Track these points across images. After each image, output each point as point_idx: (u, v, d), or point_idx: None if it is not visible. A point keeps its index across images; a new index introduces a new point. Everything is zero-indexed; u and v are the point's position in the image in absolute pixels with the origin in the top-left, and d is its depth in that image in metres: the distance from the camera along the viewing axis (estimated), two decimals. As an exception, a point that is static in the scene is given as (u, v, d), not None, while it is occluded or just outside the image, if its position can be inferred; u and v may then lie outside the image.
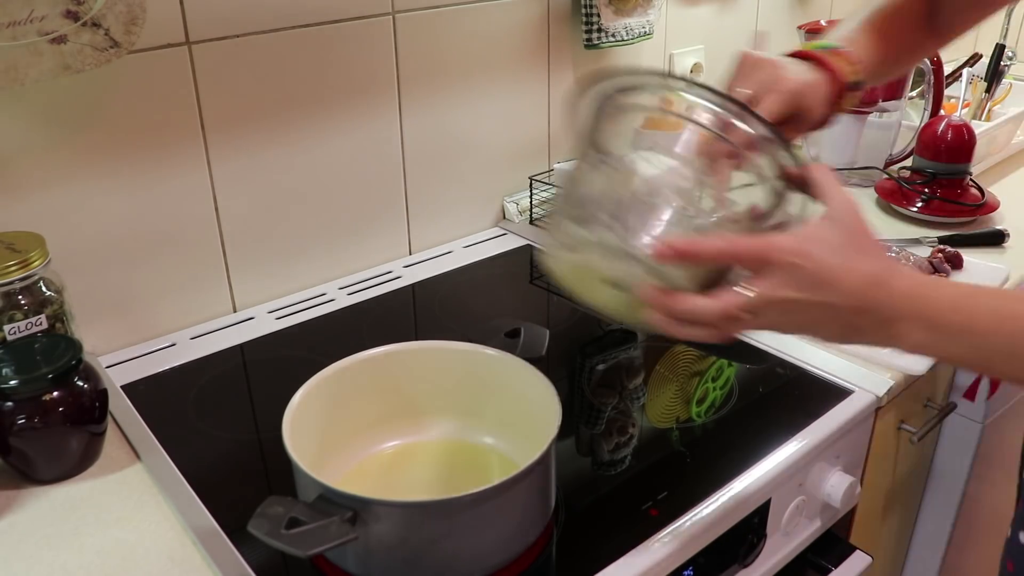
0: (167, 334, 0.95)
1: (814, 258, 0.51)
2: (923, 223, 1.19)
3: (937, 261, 1.01)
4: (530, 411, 0.68)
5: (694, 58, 1.44)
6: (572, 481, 0.72)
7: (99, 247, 0.87)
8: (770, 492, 0.74)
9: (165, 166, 0.89)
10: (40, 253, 0.75)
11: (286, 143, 0.97)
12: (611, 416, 0.82)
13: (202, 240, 0.95)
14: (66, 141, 0.82)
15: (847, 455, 0.83)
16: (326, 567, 0.62)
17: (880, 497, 1.01)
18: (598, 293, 0.57)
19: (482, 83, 1.14)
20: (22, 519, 0.67)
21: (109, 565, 0.63)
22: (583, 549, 0.65)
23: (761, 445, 0.75)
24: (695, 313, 0.53)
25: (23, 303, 0.74)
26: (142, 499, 0.70)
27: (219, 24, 0.88)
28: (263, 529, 0.54)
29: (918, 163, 1.24)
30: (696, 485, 0.71)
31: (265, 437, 0.79)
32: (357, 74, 1.01)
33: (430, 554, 0.59)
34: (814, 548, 0.85)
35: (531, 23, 1.17)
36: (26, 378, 0.67)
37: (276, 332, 0.96)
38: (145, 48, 0.84)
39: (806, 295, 0.51)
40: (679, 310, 0.54)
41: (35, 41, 0.72)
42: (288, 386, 0.67)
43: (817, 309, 0.52)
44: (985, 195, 1.20)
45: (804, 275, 0.51)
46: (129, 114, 0.85)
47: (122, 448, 0.76)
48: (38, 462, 0.70)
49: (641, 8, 1.25)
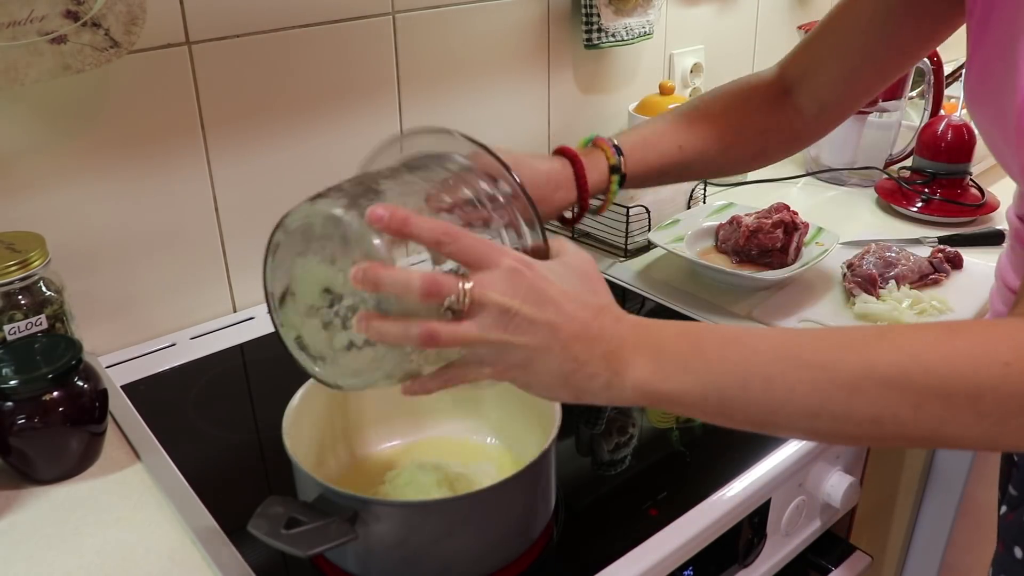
0: (167, 334, 0.95)
1: (537, 271, 0.48)
2: (923, 223, 1.19)
3: (937, 261, 1.02)
4: (530, 411, 0.68)
5: (694, 58, 1.44)
6: (572, 481, 0.73)
7: (99, 247, 0.87)
8: (770, 492, 0.74)
9: (165, 166, 0.89)
10: (40, 253, 0.75)
11: (286, 143, 0.97)
12: (611, 416, 0.82)
13: (202, 240, 0.95)
14: (66, 141, 0.82)
15: (847, 455, 0.84)
16: (326, 567, 0.62)
17: (880, 497, 1.01)
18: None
19: (482, 83, 1.14)
20: (22, 519, 0.67)
21: (109, 565, 0.63)
22: (583, 549, 0.65)
23: (761, 445, 0.75)
24: (402, 279, 0.47)
25: (23, 303, 0.74)
26: (142, 499, 0.70)
27: (219, 24, 0.88)
28: (263, 529, 0.54)
29: (918, 163, 1.24)
30: (696, 485, 0.71)
31: (265, 437, 0.79)
32: (357, 74, 1.01)
33: (430, 554, 0.59)
34: (814, 548, 0.85)
35: (531, 23, 1.17)
36: (26, 378, 0.67)
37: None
38: (145, 48, 0.84)
39: (526, 308, 0.47)
40: (387, 280, 0.47)
41: (35, 41, 0.72)
42: (288, 386, 0.67)
43: (535, 331, 0.47)
44: (985, 195, 1.20)
45: (524, 283, 0.47)
46: (129, 114, 0.85)
47: (122, 448, 0.76)
48: (38, 462, 0.70)
49: (641, 8, 1.25)
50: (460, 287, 0.47)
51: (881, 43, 0.76)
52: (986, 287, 0.99)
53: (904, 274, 0.98)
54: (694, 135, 0.81)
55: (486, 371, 0.50)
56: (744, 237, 1.01)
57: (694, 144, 0.81)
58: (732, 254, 1.04)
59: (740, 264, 1.03)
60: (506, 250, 0.49)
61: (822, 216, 1.14)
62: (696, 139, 0.81)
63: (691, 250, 1.04)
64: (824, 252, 1.01)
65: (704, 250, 1.07)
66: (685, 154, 0.81)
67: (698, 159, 0.82)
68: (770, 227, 1.01)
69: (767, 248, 1.01)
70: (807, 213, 1.05)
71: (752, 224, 1.02)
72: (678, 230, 1.08)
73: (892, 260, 1.00)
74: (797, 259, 1.02)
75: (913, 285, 0.99)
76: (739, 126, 0.83)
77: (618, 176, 0.79)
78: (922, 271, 1.00)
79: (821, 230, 1.06)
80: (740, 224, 1.03)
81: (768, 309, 0.96)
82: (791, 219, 1.01)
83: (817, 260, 1.00)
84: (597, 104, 1.32)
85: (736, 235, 1.03)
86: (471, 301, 0.47)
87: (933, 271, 1.01)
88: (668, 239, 1.05)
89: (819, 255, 1.01)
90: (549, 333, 0.48)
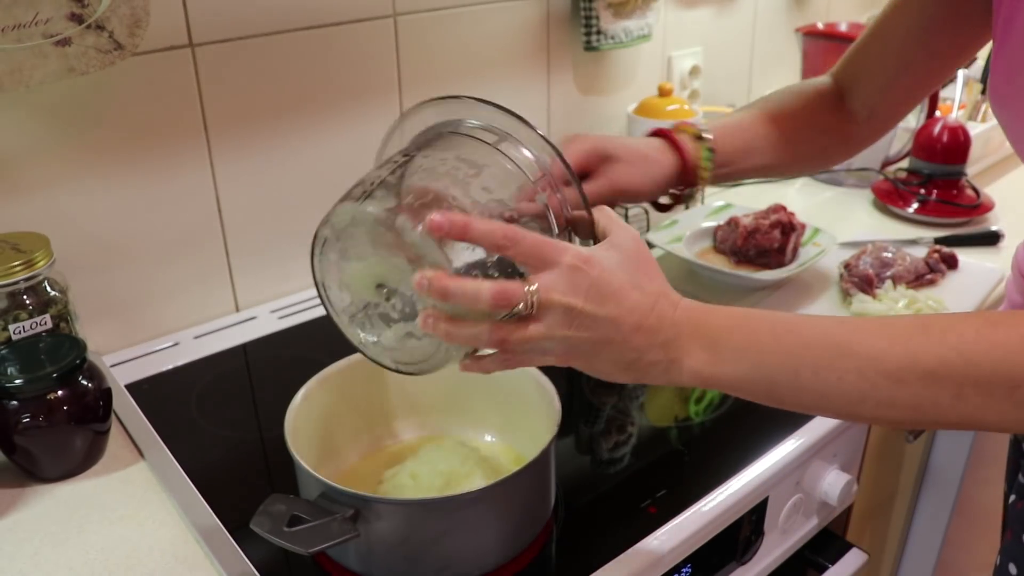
0: (170, 333, 0.95)
1: (595, 265, 0.50)
2: (919, 224, 1.20)
3: (933, 261, 1.02)
4: (530, 410, 0.69)
5: (692, 60, 1.44)
6: (572, 479, 0.73)
7: (103, 247, 0.88)
8: (768, 490, 0.75)
9: (169, 167, 0.90)
10: (44, 253, 0.75)
11: (289, 144, 0.98)
12: (610, 415, 0.83)
13: (205, 240, 0.95)
14: (70, 142, 0.83)
15: (844, 453, 0.84)
16: (328, 565, 0.63)
17: (877, 495, 1.02)
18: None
19: (482, 85, 1.14)
20: (27, 517, 0.68)
21: (112, 562, 0.63)
22: (582, 547, 0.65)
23: (758, 443, 0.76)
24: (471, 291, 0.48)
25: (28, 303, 0.75)
26: (145, 497, 0.70)
27: (222, 26, 0.89)
28: (265, 527, 0.55)
29: (914, 164, 1.25)
30: (694, 483, 0.71)
31: (267, 436, 0.79)
32: (359, 76, 1.01)
33: (431, 552, 0.60)
34: (811, 546, 0.86)
35: (531, 25, 1.17)
36: (31, 377, 0.67)
37: (279, 331, 0.97)
38: (149, 50, 0.84)
39: (588, 306, 0.49)
40: (456, 290, 0.48)
41: (40, 43, 0.73)
42: (290, 385, 0.67)
43: (598, 326, 0.49)
44: (981, 196, 1.21)
45: (586, 281, 0.49)
46: (133, 115, 0.86)
47: (126, 446, 0.76)
48: (43, 460, 0.70)
49: (640, 10, 1.25)
50: (526, 293, 0.49)
51: (922, 52, 0.78)
52: (982, 287, 1.00)
53: (900, 274, 0.99)
54: (766, 128, 0.83)
55: (549, 359, 0.52)
56: (742, 238, 1.02)
57: (767, 136, 0.83)
58: (730, 254, 1.05)
59: (738, 264, 1.04)
60: (565, 247, 0.51)
61: (819, 217, 1.14)
62: (768, 131, 0.83)
63: (690, 250, 1.05)
64: (821, 252, 1.02)
65: (702, 250, 1.08)
66: (761, 142, 0.83)
67: (770, 150, 0.84)
68: (768, 228, 1.01)
69: (765, 248, 1.01)
70: (804, 214, 1.06)
71: (750, 225, 1.02)
72: (676, 230, 1.08)
73: (888, 260, 1.00)
74: (794, 259, 1.03)
75: (909, 285, 0.99)
76: (805, 123, 0.85)
77: (707, 151, 0.79)
78: (918, 271, 1.01)
79: (818, 231, 1.06)
80: (738, 225, 1.03)
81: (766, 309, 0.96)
82: (788, 220, 1.02)
83: (814, 260, 1.01)
84: (596, 106, 1.32)
85: (734, 236, 1.03)
86: (538, 306, 0.49)
87: (929, 271, 1.01)
88: (667, 239, 1.06)
89: (816, 255, 1.01)
90: (611, 327, 0.50)
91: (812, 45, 1.51)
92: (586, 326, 0.49)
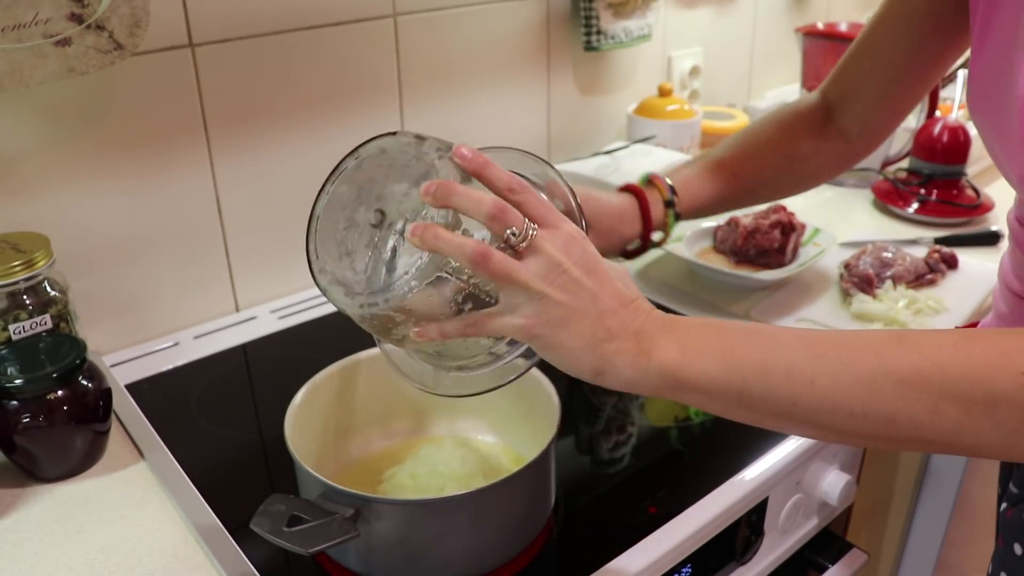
0: (170, 333, 0.96)
1: (591, 246, 0.51)
2: (919, 224, 1.20)
3: (933, 262, 1.02)
4: (530, 410, 0.69)
5: (692, 60, 1.44)
6: (572, 479, 0.73)
7: (103, 247, 0.88)
8: (767, 490, 0.75)
9: (168, 167, 0.90)
10: (44, 253, 0.75)
11: (289, 144, 0.98)
12: (610, 415, 0.83)
13: (205, 240, 0.95)
14: (70, 142, 0.83)
15: (844, 453, 0.84)
16: (328, 564, 0.63)
17: (877, 495, 1.02)
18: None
19: (483, 85, 1.14)
20: (27, 517, 0.68)
21: (112, 562, 0.63)
22: (583, 546, 0.66)
23: (758, 443, 0.76)
24: (476, 196, 0.48)
25: (28, 303, 0.75)
26: (145, 497, 0.70)
27: (222, 26, 0.89)
28: (265, 527, 0.55)
29: (914, 164, 1.25)
30: (694, 483, 0.71)
31: (267, 436, 0.79)
32: (359, 76, 1.01)
33: (431, 552, 0.60)
34: (811, 546, 0.86)
35: (531, 25, 1.17)
36: (31, 377, 0.67)
37: (279, 331, 0.97)
38: (149, 50, 0.84)
39: (575, 270, 0.49)
40: (461, 193, 0.48)
41: (40, 43, 0.73)
42: (290, 385, 0.67)
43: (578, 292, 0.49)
44: (981, 196, 1.21)
45: (579, 249, 0.50)
46: (133, 116, 0.86)
47: (126, 446, 0.76)
48: (42, 460, 0.70)
49: (640, 10, 1.25)
50: (525, 223, 0.49)
51: (911, 62, 0.79)
52: (982, 287, 1.00)
53: (900, 274, 0.99)
54: (745, 167, 0.87)
55: (517, 322, 0.49)
56: (742, 238, 1.02)
57: (746, 175, 0.88)
58: (730, 254, 1.05)
59: (738, 264, 1.04)
60: (567, 218, 0.51)
61: (819, 217, 1.14)
62: (748, 170, 0.87)
63: (690, 250, 1.05)
64: (821, 252, 1.02)
65: (702, 250, 1.08)
66: (740, 184, 0.88)
67: (751, 189, 0.89)
68: (768, 228, 1.01)
69: (765, 248, 1.01)
70: (804, 214, 1.06)
71: (750, 225, 1.02)
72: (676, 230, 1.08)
73: (888, 260, 1.01)
74: (794, 259, 1.03)
75: (909, 285, 0.99)
76: (788, 155, 0.88)
77: (673, 212, 0.87)
78: (918, 271, 1.01)
79: (818, 231, 1.06)
80: (738, 225, 1.03)
81: (766, 309, 0.96)
82: (788, 220, 1.02)
83: (814, 260, 1.01)
84: (596, 106, 1.32)
85: (734, 236, 1.03)
86: (530, 243, 0.49)
87: (929, 271, 1.01)
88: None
89: (816, 255, 1.01)
90: (589, 299, 0.49)
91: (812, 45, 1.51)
92: (567, 288, 0.49)
